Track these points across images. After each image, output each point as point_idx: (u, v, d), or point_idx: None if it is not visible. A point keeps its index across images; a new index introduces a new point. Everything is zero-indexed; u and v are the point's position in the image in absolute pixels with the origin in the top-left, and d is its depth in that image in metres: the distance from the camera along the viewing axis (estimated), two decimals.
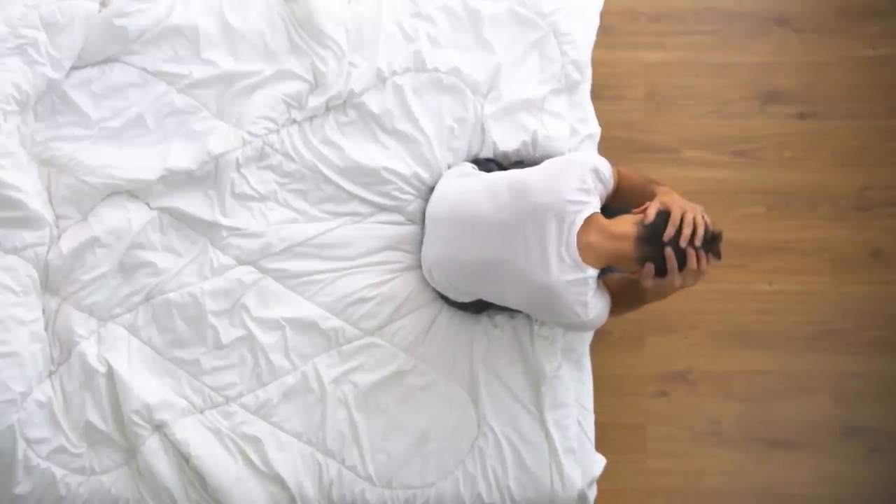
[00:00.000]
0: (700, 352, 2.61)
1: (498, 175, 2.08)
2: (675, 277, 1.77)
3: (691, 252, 1.75)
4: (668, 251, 1.75)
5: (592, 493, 2.20)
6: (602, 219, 1.87)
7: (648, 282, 1.81)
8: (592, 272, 1.85)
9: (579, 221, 1.83)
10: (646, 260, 1.79)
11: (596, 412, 2.25)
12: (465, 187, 2.10)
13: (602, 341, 2.52)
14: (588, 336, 2.27)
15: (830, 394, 2.60)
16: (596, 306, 1.88)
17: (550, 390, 2.18)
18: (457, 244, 2.03)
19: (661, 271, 1.78)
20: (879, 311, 2.62)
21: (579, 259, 1.83)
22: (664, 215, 1.78)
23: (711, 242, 1.78)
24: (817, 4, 2.73)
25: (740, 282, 2.63)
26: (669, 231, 1.75)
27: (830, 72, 2.70)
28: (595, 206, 1.87)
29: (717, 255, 1.80)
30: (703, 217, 1.77)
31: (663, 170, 2.64)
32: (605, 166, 1.92)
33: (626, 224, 1.83)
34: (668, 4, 2.73)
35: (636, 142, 2.66)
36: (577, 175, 1.87)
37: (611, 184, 1.93)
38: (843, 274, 2.64)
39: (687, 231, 1.74)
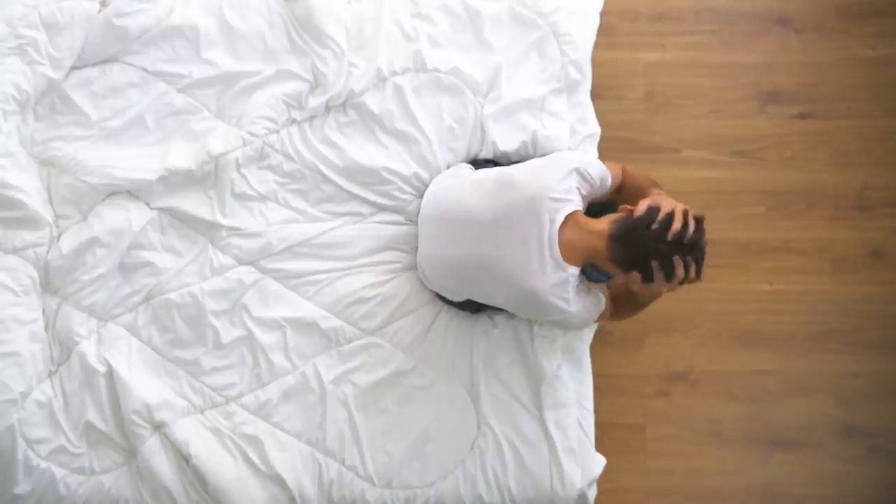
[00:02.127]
0: (700, 352, 2.61)
1: (486, 171, 2.09)
2: (661, 285, 1.77)
3: (678, 260, 1.73)
4: (654, 262, 1.73)
5: (592, 493, 2.20)
6: (582, 216, 1.87)
7: (635, 286, 1.81)
8: (573, 271, 1.86)
9: (559, 219, 1.84)
10: (617, 257, 1.78)
11: (596, 412, 2.25)
12: (453, 185, 2.12)
13: (602, 341, 2.52)
14: (588, 336, 2.27)
15: (830, 394, 2.60)
16: (578, 302, 1.88)
17: (550, 390, 2.18)
18: (445, 242, 2.04)
19: (648, 277, 1.76)
20: (879, 311, 2.62)
21: (560, 258, 1.84)
22: (651, 212, 1.76)
23: (696, 246, 1.74)
24: (817, 4, 2.73)
25: (740, 282, 2.63)
26: (655, 227, 1.73)
27: (830, 72, 2.70)
28: (577, 204, 1.87)
29: (701, 260, 1.76)
30: (691, 218, 1.76)
31: (663, 170, 2.64)
32: (593, 167, 1.91)
33: (603, 221, 1.83)
34: (668, 4, 2.73)
35: (636, 142, 2.67)
36: (561, 174, 1.87)
37: (600, 184, 1.93)
38: (843, 274, 2.64)
39: (676, 226, 1.73)
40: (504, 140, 2.26)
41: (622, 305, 2.00)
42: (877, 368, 2.60)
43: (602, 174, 1.93)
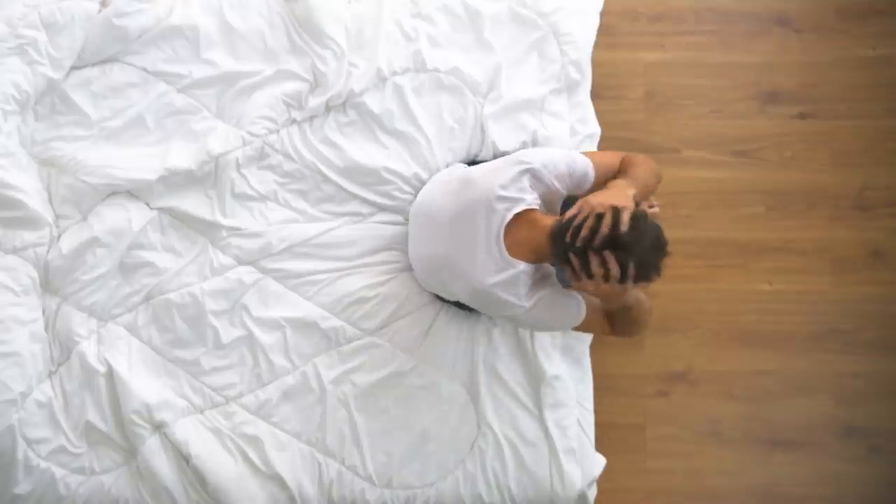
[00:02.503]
0: (700, 352, 2.61)
1: (458, 170, 2.11)
2: (584, 282, 1.75)
3: (592, 255, 1.71)
4: (571, 255, 1.73)
5: (592, 493, 2.20)
6: (537, 214, 1.88)
7: (574, 283, 1.79)
8: (524, 267, 1.86)
9: (508, 217, 1.85)
10: (554, 254, 1.79)
11: (596, 412, 2.25)
12: (436, 184, 2.13)
13: (602, 341, 2.52)
14: (588, 336, 2.27)
15: (830, 394, 2.60)
16: (531, 298, 1.88)
17: (550, 390, 2.18)
18: (424, 241, 2.07)
19: (575, 275, 1.76)
20: (879, 311, 2.62)
21: (506, 254, 1.85)
22: (577, 214, 1.77)
23: (615, 243, 1.69)
24: (817, 4, 2.73)
25: (740, 282, 2.63)
26: (570, 232, 1.74)
27: (830, 72, 2.70)
28: (529, 203, 1.87)
29: (625, 259, 1.69)
30: (612, 217, 1.70)
31: (663, 170, 2.60)
32: (554, 167, 1.89)
33: (553, 219, 1.85)
34: (668, 4, 2.73)
35: (636, 142, 2.66)
36: (512, 174, 1.88)
37: (560, 183, 1.90)
38: (843, 274, 2.63)
39: (583, 233, 1.71)
40: (504, 140, 2.26)
41: (613, 319, 2.00)
42: (877, 368, 2.60)
43: (567, 172, 1.90)
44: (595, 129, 2.34)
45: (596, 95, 2.38)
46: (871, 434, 2.58)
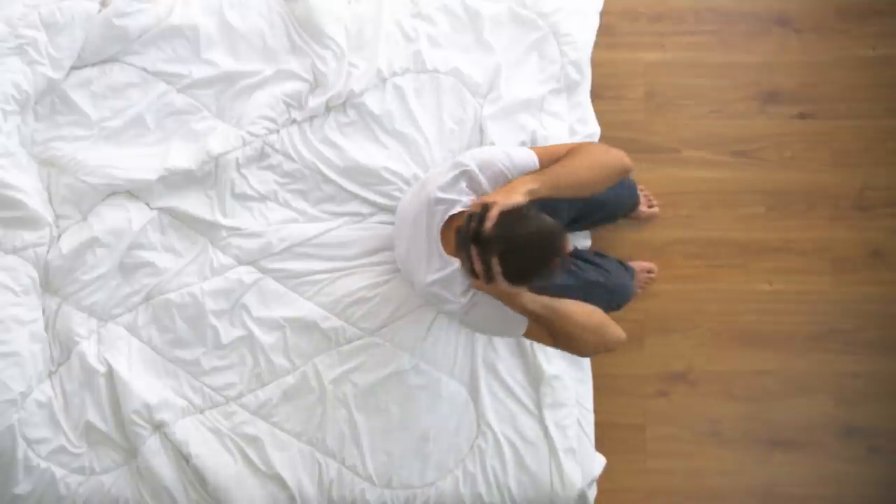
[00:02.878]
0: (700, 352, 2.61)
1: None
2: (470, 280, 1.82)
3: (459, 251, 1.77)
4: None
5: (592, 493, 2.20)
6: None
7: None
8: (458, 264, 1.88)
9: (445, 217, 1.88)
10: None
11: (596, 412, 2.25)
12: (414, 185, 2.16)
13: None
14: None
15: (830, 394, 2.60)
16: (467, 295, 1.89)
17: (550, 390, 2.18)
18: (398, 240, 2.08)
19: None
20: (879, 311, 2.62)
21: (444, 253, 1.88)
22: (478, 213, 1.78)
23: (477, 239, 1.70)
24: (817, 4, 2.73)
25: (740, 282, 2.63)
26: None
27: (830, 72, 2.70)
28: (466, 204, 1.89)
29: (486, 255, 1.70)
30: (478, 214, 1.71)
31: (663, 170, 2.64)
32: (490, 167, 1.88)
33: None
34: (668, 4, 2.73)
35: (636, 142, 2.66)
36: (451, 177, 1.90)
37: (493, 184, 1.89)
38: (843, 274, 2.63)
39: (461, 231, 1.75)
40: (503, 140, 2.26)
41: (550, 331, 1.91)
42: (877, 368, 2.60)
43: (503, 171, 1.88)
44: (594, 129, 2.34)
45: (596, 95, 2.38)
46: (871, 434, 2.58)
